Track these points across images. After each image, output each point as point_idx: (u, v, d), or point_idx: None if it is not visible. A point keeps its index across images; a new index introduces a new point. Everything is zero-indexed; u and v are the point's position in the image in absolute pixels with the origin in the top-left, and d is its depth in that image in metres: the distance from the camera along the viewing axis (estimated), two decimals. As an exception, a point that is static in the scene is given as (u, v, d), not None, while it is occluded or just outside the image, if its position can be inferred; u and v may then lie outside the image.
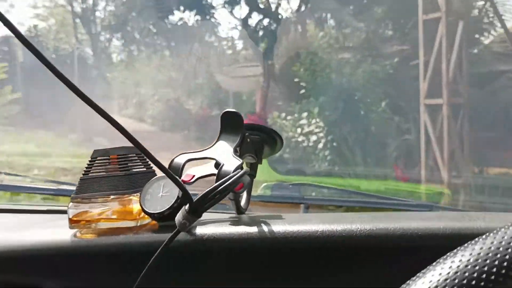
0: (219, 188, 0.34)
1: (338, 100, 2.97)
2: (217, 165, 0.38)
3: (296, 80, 3.18)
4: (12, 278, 0.36)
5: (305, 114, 3.00)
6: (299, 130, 2.98)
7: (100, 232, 0.37)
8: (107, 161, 0.38)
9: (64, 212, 0.39)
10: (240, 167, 0.37)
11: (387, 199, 0.77)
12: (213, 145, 0.41)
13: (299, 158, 3.04)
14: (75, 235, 0.37)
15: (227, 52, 10.24)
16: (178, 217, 0.34)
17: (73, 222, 0.37)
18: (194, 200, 0.34)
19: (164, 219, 0.36)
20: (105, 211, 0.37)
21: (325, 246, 0.35)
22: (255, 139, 0.43)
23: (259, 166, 0.46)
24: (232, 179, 0.35)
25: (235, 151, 0.40)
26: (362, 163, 2.78)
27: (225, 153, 0.39)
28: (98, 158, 0.37)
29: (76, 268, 0.36)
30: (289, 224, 0.36)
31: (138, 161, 0.40)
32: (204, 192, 0.34)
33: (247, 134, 0.42)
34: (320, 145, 2.86)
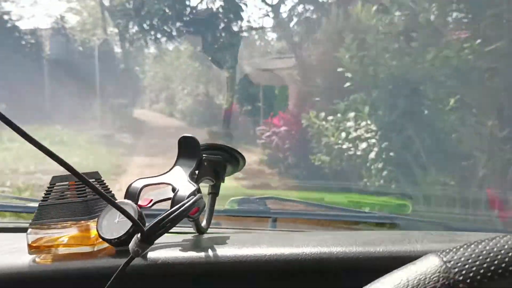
0: (171, 216, 0.43)
1: (397, 96, 2.64)
2: (174, 190, 0.47)
3: (339, 70, 2.89)
4: None
5: (351, 114, 2.78)
6: (343, 134, 2.80)
7: (59, 257, 0.45)
8: (65, 187, 0.46)
9: (24, 230, 0.47)
10: (194, 192, 0.46)
11: (351, 212, 0.94)
12: (170, 170, 0.49)
13: (344, 171, 2.83)
14: (34, 261, 0.45)
15: (258, 42, 10.52)
16: (131, 244, 0.42)
17: (32, 248, 0.45)
18: (146, 228, 0.42)
19: (120, 244, 0.44)
20: (63, 237, 0.45)
21: (275, 269, 0.43)
22: (215, 160, 0.53)
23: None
24: (184, 206, 0.44)
25: (191, 175, 0.48)
26: (432, 180, 2.43)
27: (180, 178, 0.48)
28: (57, 184, 0.46)
29: None
30: (244, 247, 0.45)
31: (98, 186, 0.52)
32: (156, 220, 0.42)
33: (205, 156, 0.51)
34: (372, 155, 2.63)
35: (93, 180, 0.49)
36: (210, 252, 0.45)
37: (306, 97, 5.37)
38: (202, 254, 0.45)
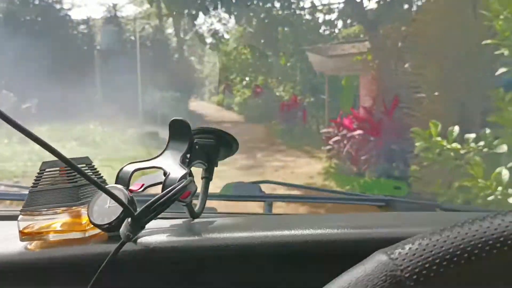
0: (162, 199, 0.44)
1: None
2: (165, 173, 0.48)
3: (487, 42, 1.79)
4: None
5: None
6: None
7: (51, 244, 0.47)
8: (56, 173, 0.48)
9: (14, 218, 0.49)
10: (185, 175, 0.47)
11: (345, 194, 0.97)
12: (161, 154, 0.51)
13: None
14: (25, 248, 0.47)
15: (321, 24, 10.02)
16: (122, 229, 0.43)
17: (23, 235, 0.47)
18: (137, 212, 0.43)
19: (111, 229, 0.45)
20: (55, 223, 0.47)
21: (271, 253, 0.43)
22: (207, 143, 0.54)
23: None
24: (175, 189, 0.44)
25: (183, 159, 0.50)
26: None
27: (172, 162, 0.49)
28: (47, 170, 0.48)
29: (27, 281, 0.46)
30: (239, 231, 0.45)
31: (88, 172, 0.51)
32: (146, 204, 0.43)
33: (196, 140, 0.52)
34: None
35: (84, 165, 0.50)
36: (203, 236, 0.46)
37: (397, 92, 4.07)
38: (195, 238, 0.46)
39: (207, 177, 0.57)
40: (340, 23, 10.01)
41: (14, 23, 11.15)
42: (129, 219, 0.43)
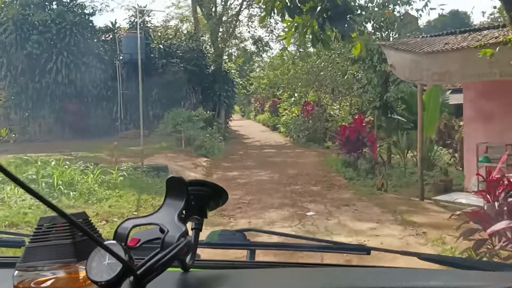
0: (164, 260, 0.55)
1: None
2: (162, 230, 0.59)
3: None
4: None
5: None
6: None
7: None
8: (53, 228, 0.59)
9: (9, 265, 0.60)
10: (184, 234, 0.58)
11: (329, 243, 1.10)
12: (158, 210, 0.62)
13: None
14: None
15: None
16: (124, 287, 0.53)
17: None
18: (138, 271, 0.53)
19: (110, 286, 0.54)
20: (51, 280, 0.57)
21: None
22: (199, 195, 0.66)
23: None
24: (176, 249, 0.56)
25: (180, 215, 0.61)
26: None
27: (169, 219, 0.60)
28: (45, 225, 0.59)
29: None
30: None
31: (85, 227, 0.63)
32: (148, 264, 0.54)
33: (191, 192, 0.64)
34: None
35: (80, 220, 0.59)
36: None
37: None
38: None
39: (198, 229, 0.69)
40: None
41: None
42: (131, 278, 0.52)
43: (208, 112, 13.77)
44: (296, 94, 16.53)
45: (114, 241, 0.57)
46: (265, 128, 19.84)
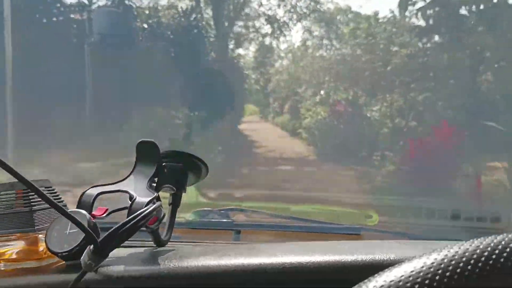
0: (127, 226, 0.63)
1: None
2: (131, 198, 0.69)
3: None
4: None
5: None
6: None
7: (3, 273, 0.65)
8: (12, 196, 0.68)
9: None
10: (153, 200, 0.67)
11: (318, 223, 1.27)
12: (127, 176, 0.71)
13: None
14: None
15: None
16: (84, 257, 0.61)
17: None
18: (100, 239, 0.61)
19: (71, 257, 0.63)
20: (9, 251, 0.66)
21: (240, 281, 0.63)
22: (175, 167, 0.75)
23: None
24: (142, 215, 0.64)
25: (150, 182, 0.70)
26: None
27: (138, 186, 0.69)
28: (2, 192, 0.68)
29: None
30: (206, 259, 0.65)
31: (48, 195, 0.72)
32: (110, 230, 0.62)
33: (165, 163, 0.73)
34: None
35: (43, 188, 0.69)
36: (168, 266, 0.65)
37: None
38: (160, 267, 0.65)
39: (175, 204, 0.78)
40: None
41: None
42: (91, 247, 0.60)
43: (195, 113, 12.77)
44: (322, 91, 15.20)
45: (78, 210, 0.66)
46: (284, 133, 18.06)
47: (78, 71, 12.62)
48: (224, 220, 1.22)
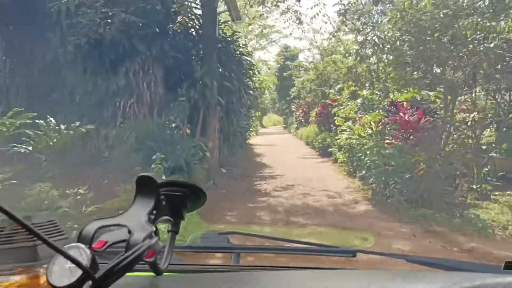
0: (125, 262, 0.65)
1: None
2: (130, 232, 0.70)
3: None
4: None
5: None
6: None
7: None
8: (15, 232, 0.70)
9: None
10: (150, 235, 0.69)
11: (315, 245, 1.27)
12: (126, 210, 0.73)
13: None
14: None
15: None
16: None
17: None
18: (98, 275, 0.63)
19: None
20: (10, 285, 0.68)
21: None
22: (174, 197, 0.78)
23: None
24: (138, 251, 0.66)
25: (149, 216, 0.72)
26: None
27: (137, 219, 0.71)
28: (7, 227, 0.70)
29: None
30: None
31: (50, 229, 0.74)
32: (108, 267, 0.63)
33: (163, 192, 0.76)
34: None
35: (46, 223, 0.70)
36: None
37: None
38: None
39: (174, 231, 0.81)
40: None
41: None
42: (90, 282, 0.62)
43: (174, 123, 9.60)
44: (365, 91, 11.25)
45: (78, 244, 0.67)
46: (309, 150, 14.17)
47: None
48: (223, 244, 1.24)
